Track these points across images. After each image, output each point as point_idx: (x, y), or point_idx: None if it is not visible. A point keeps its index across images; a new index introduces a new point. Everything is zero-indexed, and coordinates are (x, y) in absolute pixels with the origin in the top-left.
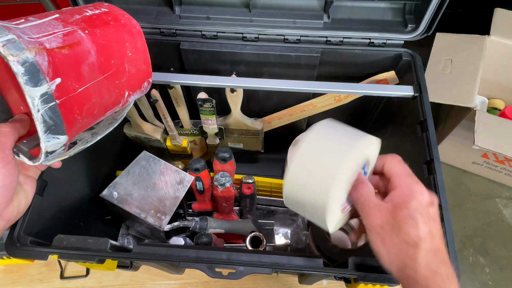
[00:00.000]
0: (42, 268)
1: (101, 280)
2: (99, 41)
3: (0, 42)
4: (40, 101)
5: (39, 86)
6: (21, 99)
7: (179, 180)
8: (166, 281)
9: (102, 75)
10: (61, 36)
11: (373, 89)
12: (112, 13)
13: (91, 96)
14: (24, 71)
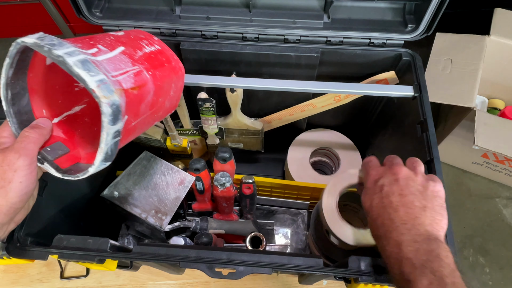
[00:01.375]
0: (42, 268)
1: (101, 280)
2: (157, 82)
3: (94, 81)
4: (111, 137)
5: (116, 124)
6: (46, 104)
7: (180, 180)
8: (166, 281)
9: (150, 111)
10: (132, 76)
11: (373, 89)
12: (165, 53)
13: (137, 128)
14: (111, 112)
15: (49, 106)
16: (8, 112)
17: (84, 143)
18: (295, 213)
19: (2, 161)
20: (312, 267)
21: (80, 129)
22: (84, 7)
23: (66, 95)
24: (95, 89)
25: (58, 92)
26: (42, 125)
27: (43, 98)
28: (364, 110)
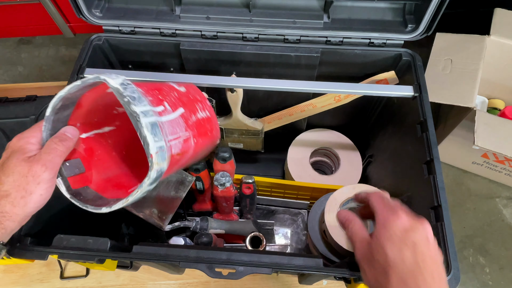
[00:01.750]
0: (42, 268)
1: (101, 280)
2: (197, 149)
3: (155, 147)
4: (141, 194)
5: (152, 185)
6: (83, 118)
7: (180, 180)
8: (166, 281)
9: (176, 169)
10: (182, 142)
11: (373, 89)
12: (211, 121)
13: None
14: (155, 177)
15: (85, 121)
16: (48, 119)
17: (100, 166)
18: (295, 213)
19: (28, 172)
20: (312, 267)
21: (100, 151)
22: (84, 7)
23: (103, 115)
24: (154, 155)
25: (99, 111)
26: (70, 136)
27: (84, 114)
28: (364, 110)
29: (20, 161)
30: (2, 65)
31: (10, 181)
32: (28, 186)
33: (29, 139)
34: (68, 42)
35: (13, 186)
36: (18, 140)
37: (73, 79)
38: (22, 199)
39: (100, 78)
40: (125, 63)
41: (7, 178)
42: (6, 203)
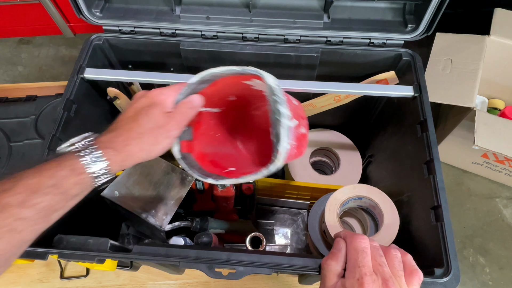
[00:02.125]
0: (42, 268)
1: (101, 280)
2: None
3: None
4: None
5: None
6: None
7: (180, 180)
8: (166, 281)
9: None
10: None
11: (373, 89)
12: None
13: None
14: (272, 171)
15: (208, 98)
16: (190, 86)
17: (201, 141)
18: (295, 213)
19: (164, 125)
20: (312, 267)
21: (205, 126)
22: (84, 7)
23: (220, 97)
24: (281, 153)
25: (220, 93)
26: (197, 105)
27: (211, 92)
28: (364, 110)
29: (160, 113)
30: (2, 65)
31: (148, 127)
32: (159, 137)
33: (168, 97)
34: (68, 42)
35: (148, 132)
36: (159, 94)
37: (73, 79)
38: (148, 146)
39: (259, 73)
40: (125, 63)
41: (147, 123)
42: (136, 144)
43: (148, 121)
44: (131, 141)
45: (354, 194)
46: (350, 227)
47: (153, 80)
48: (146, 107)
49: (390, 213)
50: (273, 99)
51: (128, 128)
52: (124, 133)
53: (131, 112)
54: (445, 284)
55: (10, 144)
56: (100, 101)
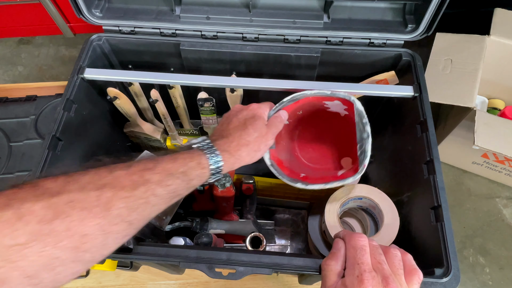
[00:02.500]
0: None
1: (101, 280)
2: None
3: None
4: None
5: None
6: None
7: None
8: (166, 281)
9: None
10: None
11: (373, 89)
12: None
13: None
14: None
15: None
16: (283, 104)
17: (278, 149)
18: (295, 213)
19: (265, 134)
20: (312, 267)
21: (280, 135)
22: (84, 7)
23: (293, 111)
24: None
25: (301, 107)
26: (285, 119)
27: (296, 105)
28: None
29: (263, 125)
30: (2, 65)
31: (254, 136)
32: (261, 145)
33: (265, 111)
34: (68, 42)
35: (254, 140)
36: (259, 108)
37: (73, 79)
38: (253, 152)
39: (350, 98)
40: (125, 63)
41: (254, 133)
42: (245, 150)
43: (254, 131)
44: (241, 147)
45: (354, 194)
46: (350, 227)
47: (153, 80)
48: (251, 119)
49: (390, 213)
50: (363, 122)
51: (239, 135)
52: (236, 139)
53: (237, 122)
54: (445, 284)
55: (10, 144)
56: (100, 101)
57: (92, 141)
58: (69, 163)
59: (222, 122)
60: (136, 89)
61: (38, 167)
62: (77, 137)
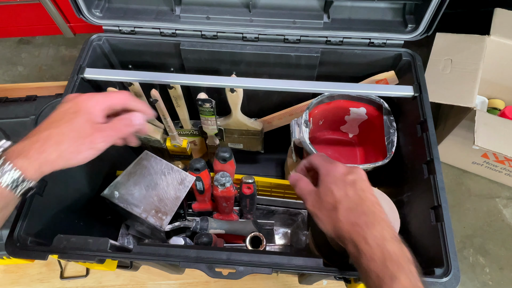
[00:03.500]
0: (42, 268)
1: (101, 280)
2: None
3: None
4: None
5: None
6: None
7: (180, 180)
8: (166, 281)
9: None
10: None
11: (373, 89)
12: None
13: None
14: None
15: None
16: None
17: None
18: (295, 213)
19: (89, 135)
20: (312, 267)
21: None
22: (84, 7)
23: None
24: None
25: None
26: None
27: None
28: None
29: (85, 123)
30: (2, 65)
31: (70, 136)
32: (81, 147)
33: (97, 105)
34: (68, 42)
35: (69, 140)
36: (87, 100)
37: (73, 79)
38: (69, 154)
39: (380, 101)
40: (125, 63)
41: (69, 132)
42: (53, 151)
43: (70, 130)
44: (47, 148)
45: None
46: None
47: (153, 80)
48: (70, 114)
49: (391, 214)
50: (390, 119)
51: (47, 135)
52: (41, 140)
53: (54, 117)
54: (445, 284)
55: None
56: None
57: None
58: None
59: (47, 120)
60: (136, 89)
61: None
62: None
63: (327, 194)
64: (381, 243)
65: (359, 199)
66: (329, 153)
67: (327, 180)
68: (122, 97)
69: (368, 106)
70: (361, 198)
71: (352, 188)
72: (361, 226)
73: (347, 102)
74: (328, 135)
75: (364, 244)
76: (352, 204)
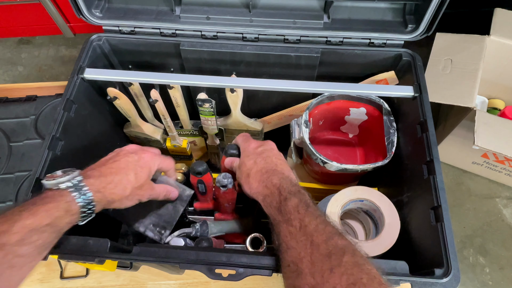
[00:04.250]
0: (42, 268)
1: (101, 280)
2: None
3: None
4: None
5: None
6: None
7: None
8: (166, 281)
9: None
10: None
11: (373, 89)
12: None
13: None
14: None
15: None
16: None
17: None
18: None
19: (144, 186)
20: None
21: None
22: (84, 7)
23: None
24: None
25: (332, 111)
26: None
27: (327, 107)
28: None
29: (146, 176)
30: (2, 65)
31: (134, 186)
32: (134, 197)
33: (155, 165)
34: (68, 42)
35: (132, 190)
36: (151, 159)
37: (73, 80)
38: (126, 200)
39: (380, 101)
40: (125, 63)
41: (135, 183)
42: (120, 194)
43: (136, 181)
44: (117, 191)
45: (355, 196)
46: (352, 229)
47: (153, 80)
48: (138, 167)
49: (391, 216)
50: (390, 119)
51: (119, 180)
52: (113, 182)
53: (123, 163)
54: (445, 284)
55: (10, 144)
56: (100, 101)
57: (92, 141)
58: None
59: (110, 156)
60: (136, 89)
61: (38, 167)
62: (77, 137)
63: (243, 166)
64: (279, 185)
65: (265, 163)
66: (329, 153)
67: (243, 155)
68: (172, 164)
69: (368, 106)
70: (267, 162)
71: (260, 156)
72: (264, 181)
73: (347, 102)
74: (328, 135)
75: (266, 190)
76: (259, 168)
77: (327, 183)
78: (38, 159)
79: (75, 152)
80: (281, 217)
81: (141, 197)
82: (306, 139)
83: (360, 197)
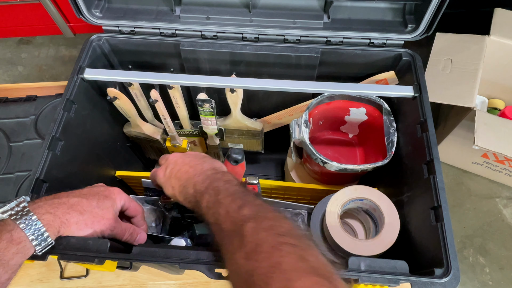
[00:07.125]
0: (42, 268)
1: (101, 280)
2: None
3: None
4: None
5: None
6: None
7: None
8: (166, 281)
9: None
10: None
11: (373, 89)
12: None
13: None
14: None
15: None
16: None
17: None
18: (295, 213)
19: (107, 218)
20: None
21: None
22: (84, 7)
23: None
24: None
25: (331, 111)
26: (139, 240)
27: (327, 107)
28: None
29: (109, 208)
30: (2, 65)
31: (94, 212)
32: (95, 224)
33: (121, 201)
34: (68, 42)
35: (91, 215)
36: (118, 194)
37: (73, 80)
38: (83, 224)
39: (380, 101)
40: (125, 63)
41: (97, 208)
42: (74, 216)
43: (97, 206)
44: (73, 211)
45: (355, 195)
46: (352, 228)
47: (153, 81)
48: (101, 196)
49: (391, 215)
50: (390, 119)
51: (76, 202)
52: (68, 204)
53: (86, 191)
54: (445, 284)
55: (10, 144)
56: (100, 101)
57: (92, 141)
58: (69, 163)
59: (80, 191)
60: (136, 89)
61: (38, 167)
62: (77, 137)
63: (172, 196)
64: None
65: (177, 181)
66: (329, 153)
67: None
68: (139, 211)
69: (368, 106)
70: (179, 179)
71: (171, 179)
72: (187, 197)
73: (347, 102)
74: (328, 135)
75: (192, 203)
76: (178, 189)
77: (327, 183)
78: (38, 159)
79: (75, 152)
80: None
81: (104, 225)
82: (306, 139)
83: (360, 196)
